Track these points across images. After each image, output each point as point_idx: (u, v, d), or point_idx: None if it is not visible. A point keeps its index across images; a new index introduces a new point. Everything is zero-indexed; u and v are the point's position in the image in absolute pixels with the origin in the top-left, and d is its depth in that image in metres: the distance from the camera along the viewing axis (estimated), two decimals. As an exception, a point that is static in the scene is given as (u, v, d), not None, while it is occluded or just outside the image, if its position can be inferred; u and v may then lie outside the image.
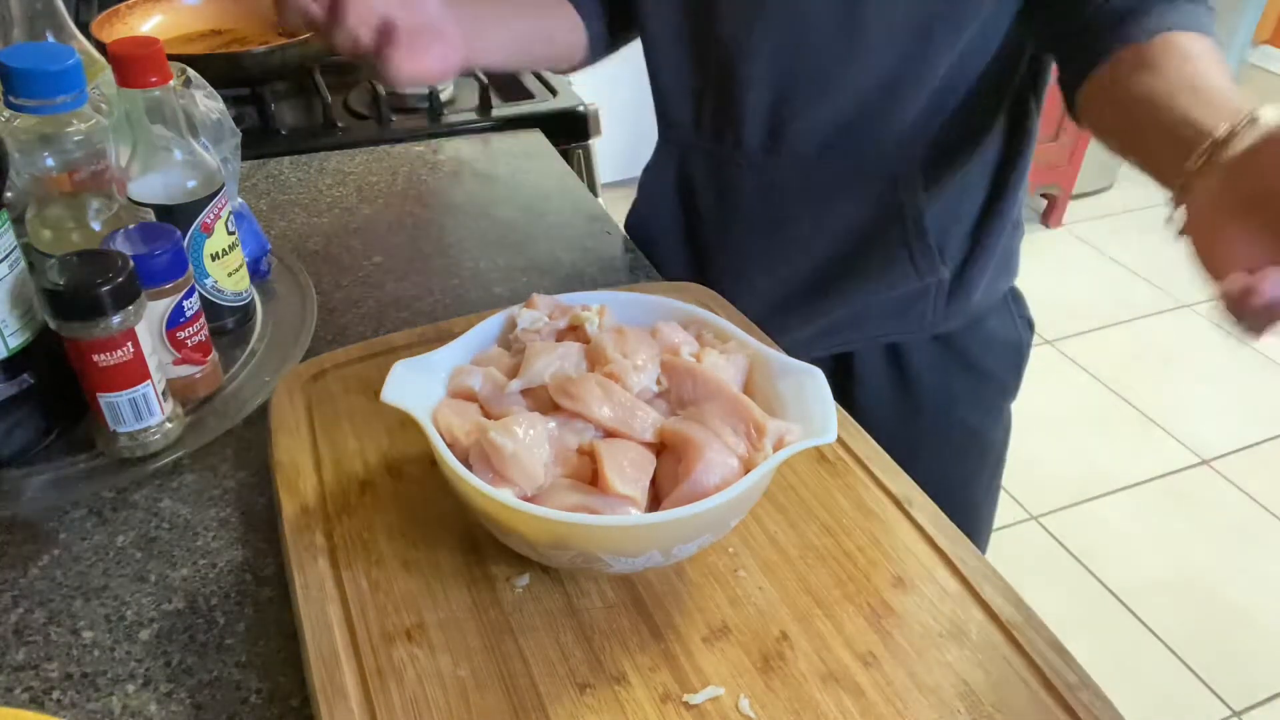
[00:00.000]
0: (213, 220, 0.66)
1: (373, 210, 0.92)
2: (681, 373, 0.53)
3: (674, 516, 0.46)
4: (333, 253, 0.85)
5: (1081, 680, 0.47)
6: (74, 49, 0.58)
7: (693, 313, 0.60)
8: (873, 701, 0.46)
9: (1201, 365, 2.37)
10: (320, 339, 0.73)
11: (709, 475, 0.48)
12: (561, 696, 0.46)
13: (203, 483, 0.61)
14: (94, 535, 0.57)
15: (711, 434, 0.49)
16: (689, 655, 0.48)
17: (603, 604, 0.51)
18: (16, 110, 0.56)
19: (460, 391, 0.54)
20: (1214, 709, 1.59)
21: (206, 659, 0.50)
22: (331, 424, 0.62)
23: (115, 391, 0.57)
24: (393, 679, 0.46)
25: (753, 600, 0.51)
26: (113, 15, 1.08)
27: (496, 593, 0.51)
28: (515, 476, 0.48)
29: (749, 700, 0.46)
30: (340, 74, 1.18)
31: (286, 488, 0.57)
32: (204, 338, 0.64)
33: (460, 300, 0.79)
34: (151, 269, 0.58)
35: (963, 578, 0.52)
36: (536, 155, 1.05)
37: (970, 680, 0.47)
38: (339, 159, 1.01)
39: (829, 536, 0.55)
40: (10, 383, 0.57)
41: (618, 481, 0.48)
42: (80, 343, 0.55)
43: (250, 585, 0.54)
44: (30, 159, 0.58)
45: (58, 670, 0.50)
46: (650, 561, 0.49)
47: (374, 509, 0.56)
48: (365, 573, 0.52)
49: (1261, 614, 1.74)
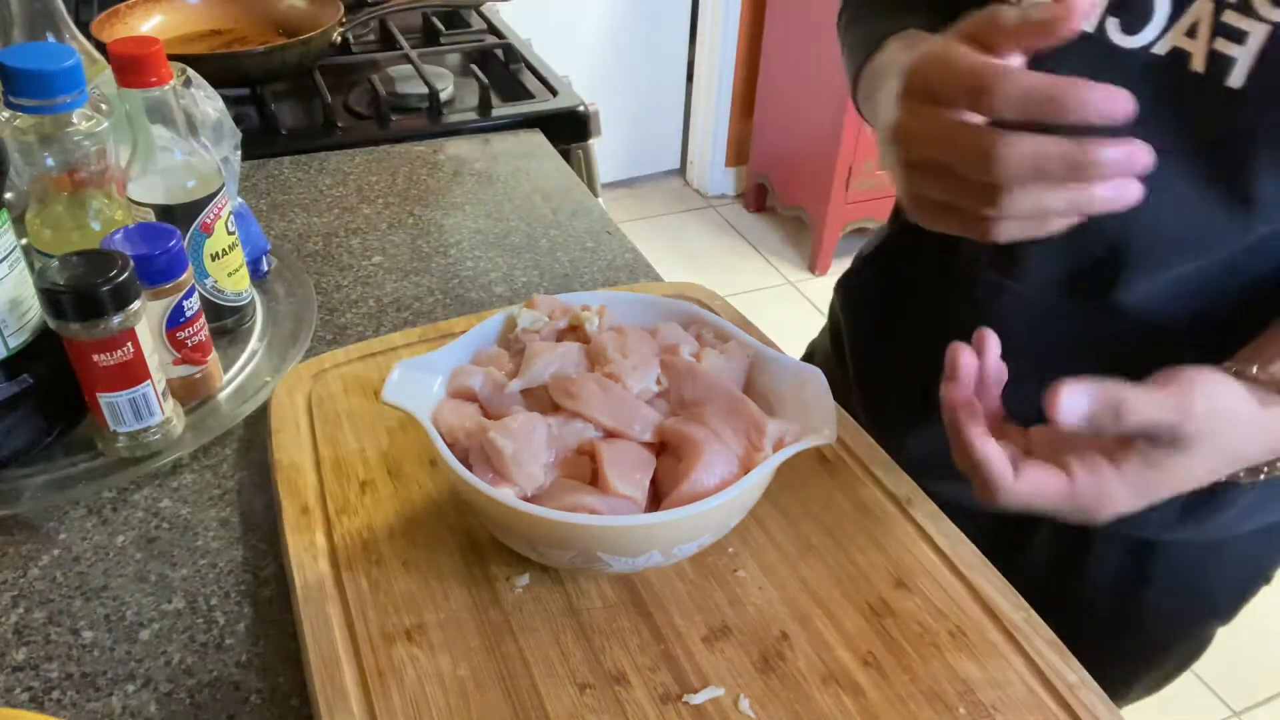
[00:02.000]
0: (213, 220, 0.66)
1: (373, 210, 0.92)
2: (681, 373, 0.53)
3: (674, 517, 0.46)
4: (333, 253, 0.85)
5: (1081, 680, 0.47)
6: (74, 49, 0.58)
7: (693, 312, 0.60)
8: (873, 701, 0.46)
9: (1201, 365, 2.37)
10: (320, 339, 0.73)
11: (708, 475, 0.48)
12: (561, 696, 0.46)
13: (203, 483, 0.61)
14: (94, 535, 0.57)
15: (711, 434, 0.49)
16: (689, 655, 0.48)
17: (603, 604, 0.51)
18: (16, 110, 0.56)
19: (460, 392, 0.54)
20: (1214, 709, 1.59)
21: (206, 659, 0.50)
22: (331, 424, 0.62)
23: (115, 391, 0.57)
24: (393, 679, 0.46)
25: (753, 600, 0.51)
26: (113, 15, 1.08)
27: (496, 593, 0.51)
28: (515, 476, 0.48)
29: (749, 700, 0.46)
30: (340, 74, 1.18)
31: (286, 488, 0.57)
32: (204, 338, 0.64)
33: (460, 300, 0.79)
34: (151, 269, 0.58)
35: (963, 578, 0.52)
36: (536, 155, 1.05)
37: (970, 680, 0.47)
38: (339, 159, 1.01)
39: (829, 536, 0.55)
40: (10, 383, 0.57)
41: (618, 481, 0.48)
42: (80, 343, 0.55)
43: (250, 585, 0.54)
44: (30, 159, 0.58)
45: (58, 670, 0.50)
46: (650, 561, 0.49)
47: (374, 509, 0.56)
48: (365, 573, 0.52)
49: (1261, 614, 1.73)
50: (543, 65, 1.23)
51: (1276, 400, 0.47)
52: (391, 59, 1.20)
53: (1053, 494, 0.45)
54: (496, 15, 1.35)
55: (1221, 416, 0.44)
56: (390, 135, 1.06)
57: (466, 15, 1.35)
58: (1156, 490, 0.45)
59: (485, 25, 1.32)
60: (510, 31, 1.31)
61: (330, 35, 1.11)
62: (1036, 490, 0.44)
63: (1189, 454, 0.44)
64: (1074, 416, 0.41)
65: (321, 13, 1.15)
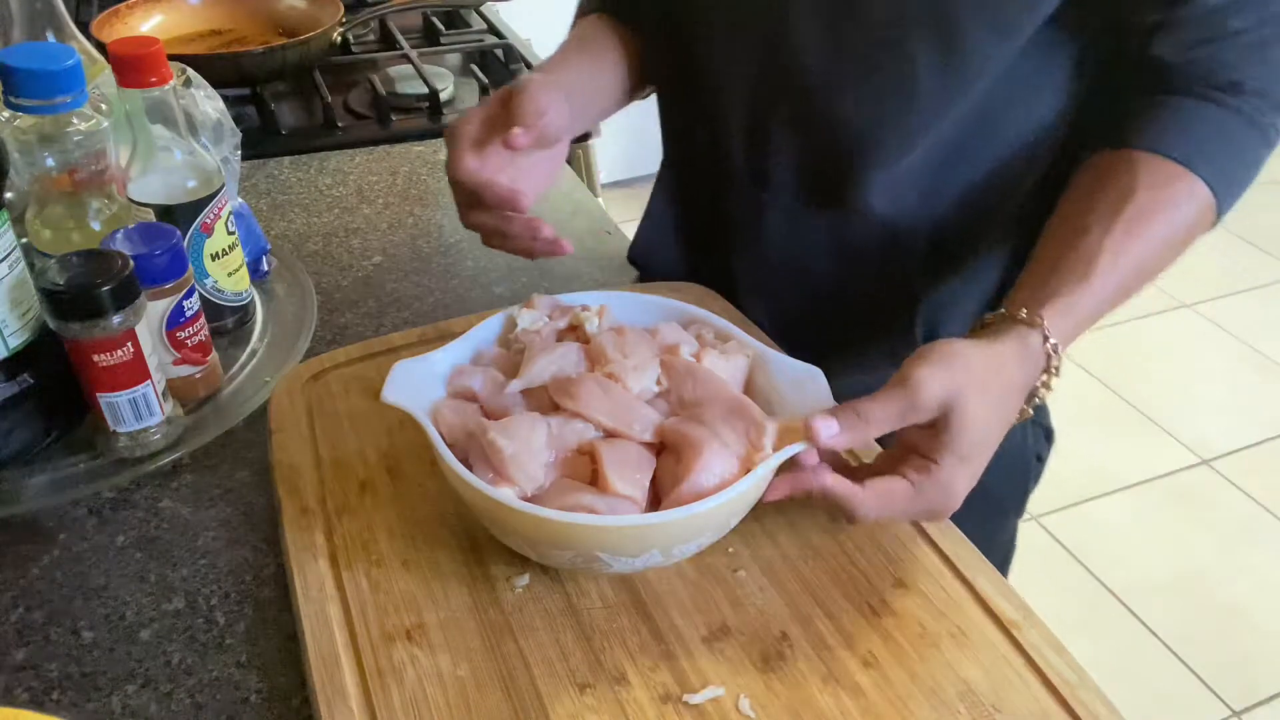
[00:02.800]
0: (213, 220, 0.66)
1: (373, 210, 0.92)
2: (681, 373, 0.53)
3: (674, 517, 0.46)
4: (333, 253, 0.85)
5: (1081, 680, 0.47)
6: (74, 49, 0.58)
7: (693, 313, 0.60)
8: (873, 701, 0.46)
9: (1201, 365, 2.37)
10: (320, 339, 0.73)
11: (708, 475, 0.48)
12: (561, 696, 0.46)
13: (203, 483, 0.61)
14: (94, 535, 0.57)
15: (711, 434, 0.49)
16: (689, 655, 0.48)
17: (603, 604, 0.51)
18: (16, 110, 0.56)
19: (460, 392, 0.54)
20: (1214, 709, 1.59)
21: (206, 659, 0.50)
22: (331, 424, 0.62)
23: (115, 391, 0.57)
24: (393, 679, 0.46)
25: (753, 600, 0.51)
26: (113, 15, 1.08)
27: (496, 593, 0.51)
28: (515, 476, 0.48)
29: (749, 700, 0.46)
30: (340, 74, 1.18)
31: (286, 488, 0.57)
32: (204, 338, 0.64)
33: (460, 300, 0.79)
34: (151, 269, 0.58)
35: (963, 578, 0.52)
36: (536, 155, 1.04)
37: (970, 680, 0.47)
38: (339, 159, 1.01)
39: (829, 536, 0.55)
40: (10, 383, 0.57)
41: (618, 481, 0.48)
42: (80, 343, 0.55)
43: (250, 585, 0.54)
44: (30, 159, 0.58)
45: (58, 670, 0.50)
46: (650, 561, 0.49)
47: (374, 509, 0.56)
48: (365, 573, 0.52)
49: (1261, 614, 1.74)
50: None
51: (1020, 332, 0.53)
52: (391, 59, 1.20)
53: (900, 497, 0.50)
54: (496, 15, 1.35)
55: (968, 375, 0.49)
56: (390, 135, 1.06)
57: (466, 15, 1.35)
58: (975, 458, 0.51)
59: (485, 25, 1.32)
60: (510, 31, 1.31)
61: (330, 35, 1.11)
62: (885, 497, 0.50)
63: (963, 420, 0.49)
64: (828, 436, 0.48)
65: (321, 13, 1.15)
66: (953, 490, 0.50)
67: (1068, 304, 0.54)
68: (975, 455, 0.51)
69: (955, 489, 0.50)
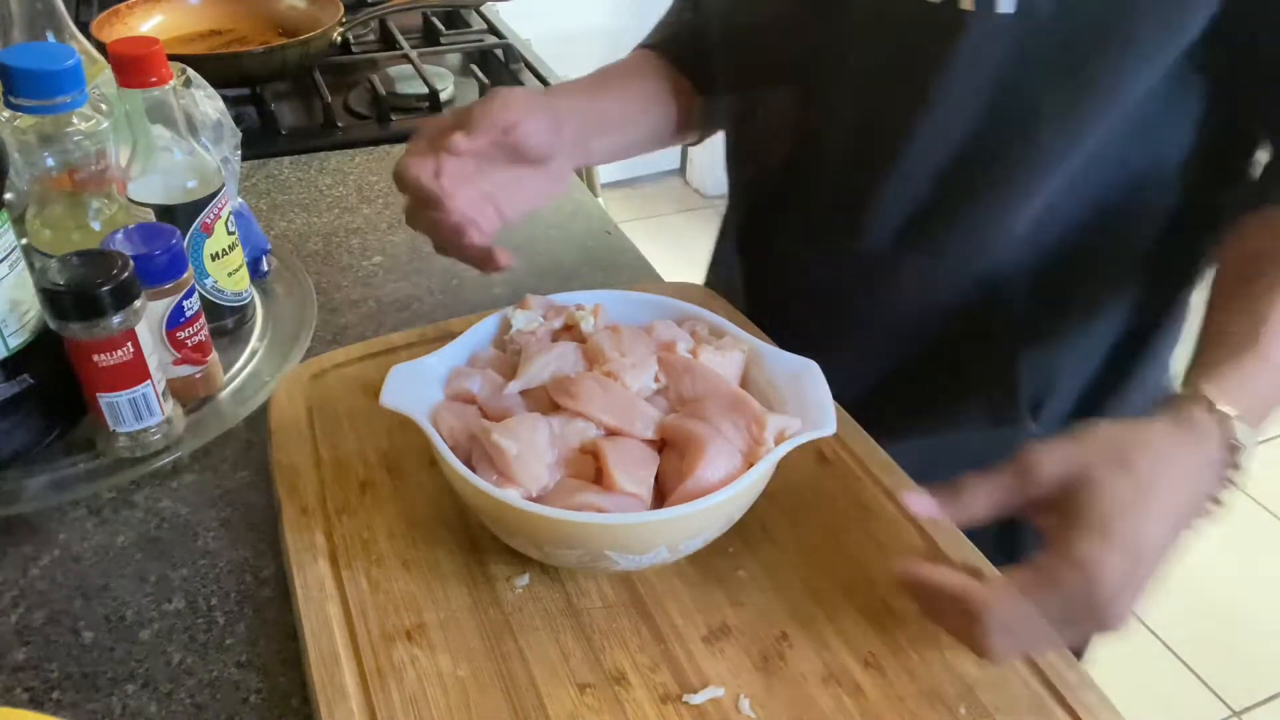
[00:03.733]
0: (213, 220, 0.66)
1: (373, 210, 0.92)
2: (679, 370, 0.54)
3: (683, 512, 0.46)
4: (333, 253, 0.85)
5: (1081, 680, 0.47)
6: (74, 49, 0.58)
7: (687, 310, 0.60)
8: (873, 701, 0.46)
9: (1201, 365, 2.37)
10: (320, 339, 0.73)
11: (713, 470, 0.48)
12: (561, 696, 0.46)
13: (203, 483, 0.61)
14: (94, 535, 0.57)
15: (713, 429, 0.49)
16: (689, 655, 0.48)
17: (603, 604, 0.51)
18: (16, 110, 0.56)
19: (459, 394, 0.54)
20: (1214, 709, 1.59)
21: (206, 659, 0.50)
22: (331, 424, 0.62)
23: (115, 391, 0.57)
24: (393, 679, 0.46)
25: (753, 600, 0.51)
26: (113, 15, 1.08)
27: (496, 593, 0.51)
28: (520, 477, 0.48)
29: (749, 700, 0.46)
30: (340, 74, 1.18)
31: (286, 488, 0.57)
32: (204, 338, 0.64)
33: (460, 300, 0.79)
34: (151, 269, 0.58)
35: (963, 577, 0.52)
36: (536, 155, 1.04)
37: (970, 680, 0.47)
38: (339, 159, 1.01)
39: (829, 536, 0.55)
40: (10, 383, 0.57)
41: (623, 479, 0.48)
42: (80, 343, 0.55)
43: (250, 585, 0.54)
44: (30, 159, 0.58)
45: (58, 670, 0.50)
46: (657, 558, 0.49)
47: (374, 509, 0.56)
48: (365, 573, 0.52)
49: (1261, 614, 1.74)
50: (543, 65, 1.23)
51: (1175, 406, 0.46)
52: (391, 59, 1.20)
53: (1028, 584, 0.42)
54: (496, 15, 1.35)
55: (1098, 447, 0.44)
56: (390, 135, 1.06)
57: (466, 15, 1.35)
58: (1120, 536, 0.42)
59: (485, 25, 1.32)
60: (510, 31, 1.31)
61: (330, 35, 1.11)
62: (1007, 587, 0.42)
63: (1092, 491, 0.42)
64: (920, 510, 0.45)
65: (321, 13, 1.15)
66: (1096, 575, 0.41)
67: (1235, 373, 0.47)
68: (1120, 533, 0.42)
69: (1099, 574, 0.41)
